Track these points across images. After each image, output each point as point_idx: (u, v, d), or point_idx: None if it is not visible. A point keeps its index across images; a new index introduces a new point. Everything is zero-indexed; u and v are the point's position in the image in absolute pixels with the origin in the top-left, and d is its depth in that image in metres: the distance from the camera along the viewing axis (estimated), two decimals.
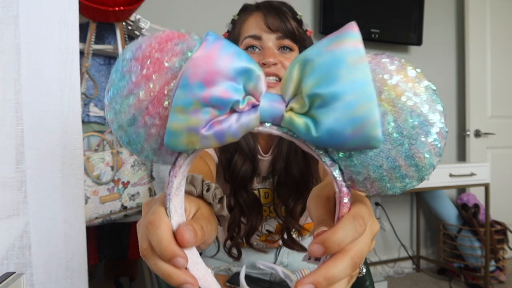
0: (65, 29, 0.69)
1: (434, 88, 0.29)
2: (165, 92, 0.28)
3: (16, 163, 0.63)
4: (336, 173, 0.30)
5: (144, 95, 0.28)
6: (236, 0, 0.95)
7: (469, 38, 2.59)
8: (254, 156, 0.77)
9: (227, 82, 0.27)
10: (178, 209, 0.32)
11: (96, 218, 1.21)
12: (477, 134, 2.61)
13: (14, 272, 0.43)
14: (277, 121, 0.29)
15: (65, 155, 0.70)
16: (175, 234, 0.30)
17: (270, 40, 0.72)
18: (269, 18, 0.72)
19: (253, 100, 0.28)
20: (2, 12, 0.61)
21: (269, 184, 0.81)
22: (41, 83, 0.67)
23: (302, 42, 0.75)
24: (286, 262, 0.88)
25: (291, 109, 0.28)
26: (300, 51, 0.75)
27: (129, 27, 1.45)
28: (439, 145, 0.28)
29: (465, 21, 2.62)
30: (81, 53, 1.33)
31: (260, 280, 0.84)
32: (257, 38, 0.73)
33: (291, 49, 0.74)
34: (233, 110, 0.28)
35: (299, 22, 0.77)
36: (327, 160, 0.30)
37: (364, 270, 0.32)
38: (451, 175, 2.10)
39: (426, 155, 0.28)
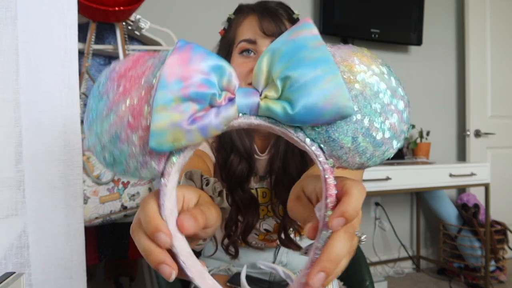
0: (64, 29, 0.69)
1: (388, 65, 0.32)
2: (144, 103, 0.29)
3: (15, 163, 0.63)
4: (317, 152, 0.31)
5: (123, 109, 0.29)
6: (236, 1, 0.95)
7: (469, 38, 2.59)
8: (250, 155, 0.77)
9: (202, 76, 0.29)
10: (172, 217, 0.33)
11: (96, 218, 1.21)
12: (477, 134, 2.61)
13: (14, 272, 0.43)
14: (254, 111, 0.31)
15: (64, 155, 0.70)
16: (177, 225, 0.31)
17: (265, 45, 0.72)
18: (264, 23, 0.71)
19: (229, 94, 0.31)
20: (0, 12, 0.61)
21: (266, 183, 0.81)
22: (40, 83, 0.68)
23: None
24: (285, 261, 0.88)
25: (266, 97, 0.31)
26: None
27: (129, 27, 1.46)
28: (404, 112, 0.32)
29: (465, 21, 2.62)
30: (81, 53, 1.33)
31: (260, 280, 0.84)
32: (252, 42, 0.72)
33: None
34: (212, 106, 0.30)
35: (295, 22, 0.76)
36: (307, 141, 0.31)
37: (364, 237, 0.36)
38: (451, 175, 2.10)
39: (395, 121, 0.31)
